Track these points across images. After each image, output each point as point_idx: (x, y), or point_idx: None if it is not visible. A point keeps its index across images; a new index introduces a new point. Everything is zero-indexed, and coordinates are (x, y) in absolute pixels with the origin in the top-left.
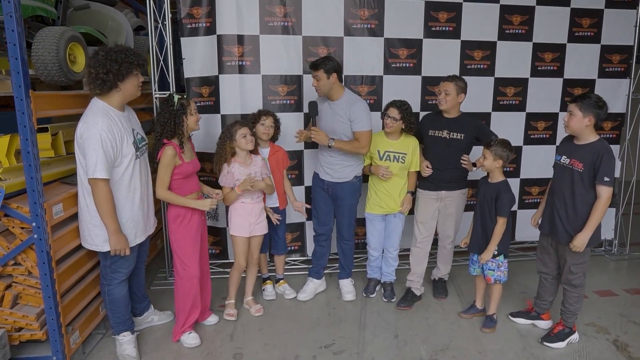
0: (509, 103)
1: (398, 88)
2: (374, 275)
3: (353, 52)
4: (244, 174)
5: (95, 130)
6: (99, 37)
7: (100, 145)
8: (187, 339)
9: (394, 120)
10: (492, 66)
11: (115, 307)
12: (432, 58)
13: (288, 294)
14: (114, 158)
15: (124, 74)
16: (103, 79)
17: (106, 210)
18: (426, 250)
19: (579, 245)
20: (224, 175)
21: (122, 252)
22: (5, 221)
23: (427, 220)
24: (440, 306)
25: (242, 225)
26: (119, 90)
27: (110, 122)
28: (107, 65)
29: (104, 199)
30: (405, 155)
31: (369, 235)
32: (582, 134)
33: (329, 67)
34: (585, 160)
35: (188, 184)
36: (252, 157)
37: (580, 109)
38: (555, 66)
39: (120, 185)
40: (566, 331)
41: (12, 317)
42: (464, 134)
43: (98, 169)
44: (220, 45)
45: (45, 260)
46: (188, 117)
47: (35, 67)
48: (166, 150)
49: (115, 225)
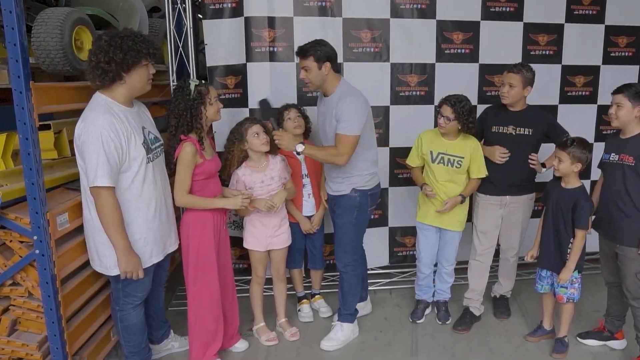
0: (578, 94)
1: (452, 78)
2: (423, 297)
3: (401, 37)
4: (257, 181)
5: (94, 130)
6: (109, 19)
7: (102, 147)
8: None
9: (447, 120)
10: (558, 52)
11: (130, 335)
12: (491, 43)
13: (323, 312)
14: (120, 162)
15: (129, 64)
16: (104, 68)
17: (112, 225)
18: (487, 263)
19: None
20: (233, 185)
21: (134, 276)
22: (2, 234)
23: (488, 229)
24: (503, 327)
25: (258, 237)
26: (123, 82)
27: (114, 120)
28: (110, 53)
29: (109, 212)
30: (462, 160)
31: (420, 247)
32: (630, 125)
33: (320, 54)
34: (635, 153)
35: (210, 185)
36: (268, 159)
37: (630, 98)
38: (630, 52)
39: (129, 195)
40: None
41: (10, 346)
42: (532, 129)
43: (99, 175)
44: (249, 29)
45: (49, 280)
46: (207, 107)
47: (35, 55)
48: (184, 147)
49: (124, 242)
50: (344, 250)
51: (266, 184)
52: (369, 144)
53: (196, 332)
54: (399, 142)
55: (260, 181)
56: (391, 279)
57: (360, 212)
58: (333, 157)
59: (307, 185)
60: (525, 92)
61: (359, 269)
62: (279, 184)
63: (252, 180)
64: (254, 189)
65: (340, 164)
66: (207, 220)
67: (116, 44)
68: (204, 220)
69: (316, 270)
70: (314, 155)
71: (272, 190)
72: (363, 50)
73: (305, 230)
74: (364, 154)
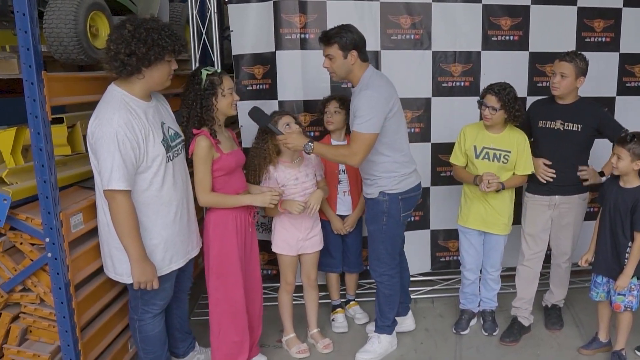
0: (638, 85)
1: (500, 67)
2: (468, 306)
3: (444, 22)
4: (291, 177)
5: (110, 128)
6: (127, 4)
7: (117, 147)
8: None
9: (493, 110)
10: (616, 39)
11: (149, 347)
12: (542, 29)
13: (359, 318)
14: (137, 163)
15: (151, 60)
16: (123, 61)
17: (127, 231)
18: (536, 270)
19: None
20: (265, 183)
21: (148, 286)
22: (12, 236)
23: (537, 232)
24: (555, 340)
25: (288, 241)
26: (142, 77)
27: (130, 117)
28: (132, 45)
29: (124, 217)
30: (509, 154)
31: (463, 252)
32: None
33: (346, 42)
34: None
35: (232, 181)
36: (302, 154)
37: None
38: None
39: (147, 197)
40: None
41: (20, 357)
42: (582, 125)
43: (114, 177)
44: (278, 14)
45: (62, 285)
46: (219, 99)
47: (47, 43)
48: (198, 142)
49: (138, 250)
50: (377, 258)
51: (300, 181)
52: (397, 143)
53: (219, 344)
54: (442, 138)
55: (295, 178)
56: (433, 287)
57: (390, 218)
58: (345, 157)
59: (343, 182)
60: (578, 82)
61: (396, 279)
62: (313, 181)
63: (285, 177)
64: (288, 186)
65: (354, 164)
66: (229, 220)
67: (140, 36)
68: (226, 220)
69: (351, 274)
70: (324, 154)
71: (307, 188)
72: (402, 37)
73: (335, 230)
74: (392, 154)
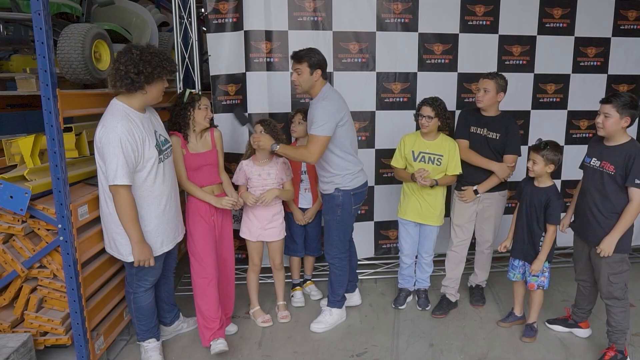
0: (549, 100)
1: (433, 85)
2: (405, 285)
3: (386, 48)
4: (255, 173)
5: (114, 134)
6: (124, 33)
7: (121, 149)
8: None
9: (429, 119)
10: (531, 62)
11: (141, 315)
12: (469, 54)
13: (314, 295)
14: (136, 163)
15: (153, 78)
16: (133, 78)
17: (128, 219)
18: (463, 254)
19: (605, 248)
20: (237, 172)
21: (146, 263)
22: (31, 223)
23: (464, 223)
24: (478, 314)
25: (250, 228)
26: (144, 92)
27: (131, 125)
28: (140, 65)
29: (126, 207)
30: (442, 158)
31: (402, 240)
32: (616, 135)
33: (314, 61)
34: (616, 163)
35: (198, 176)
36: (271, 158)
37: (618, 109)
38: (599, 61)
39: (143, 191)
40: (619, 357)
41: (38, 321)
42: (500, 134)
43: (119, 175)
44: (248, 42)
45: (71, 263)
46: (195, 111)
47: (60, 66)
48: (172, 138)
49: (138, 234)
50: (330, 244)
51: (262, 178)
52: (347, 146)
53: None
54: (384, 144)
55: (258, 174)
56: (376, 270)
57: (344, 210)
58: (303, 155)
59: (304, 181)
60: (498, 97)
61: (345, 261)
62: (274, 181)
63: (251, 172)
64: (252, 179)
65: (311, 161)
66: (200, 210)
67: (146, 59)
68: (197, 210)
69: (310, 257)
70: (287, 154)
71: (266, 185)
72: (351, 60)
73: (297, 221)
74: (343, 155)
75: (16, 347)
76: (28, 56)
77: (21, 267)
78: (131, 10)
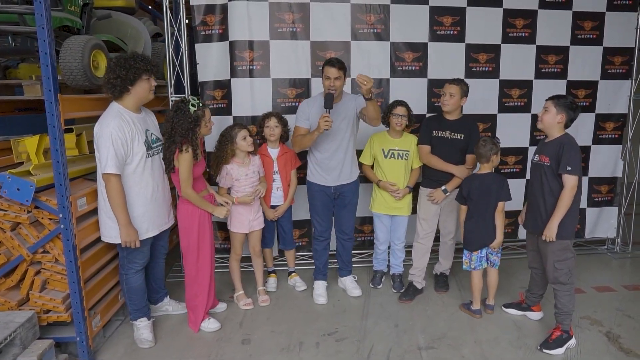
0: (514, 105)
1: (404, 90)
2: (380, 268)
3: (360, 56)
4: (242, 174)
5: (107, 130)
6: (120, 44)
7: (111, 143)
8: (208, 324)
9: (403, 117)
10: (496, 69)
11: (132, 295)
12: (438, 61)
13: (299, 286)
14: (125, 155)
15: (132, 79)
16: (113, 83)
17: (117, 204)
18: (428, 246)
19: (548, 233)
20: (223, 177)
21: (132, 245)
22: (36, 213)
23: (429, 217)
24: (441, 299)
25: (242, 222)
26: (130, 93)
27: (122, 123)
28: (117, 71)
29: (115, 193)
30: (408, 153)
31: (377, 230)
32: (552, 130)
33: (346, 71)
34: (550, 154)
35: (195, 184)
36: (250, 157)
37: (556, 106)
38: (559, 68)
39: (131, 181)
40: (564, 337)
41: (41, 300)
42: (464, 134)
43: (109, 164)
44: (233, 51)
45: (71, 249)
46: (201, 128)
47: (62, 73)
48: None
49: (125, 218)
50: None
51: (249, 177)
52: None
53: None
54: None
55: (245, 174)
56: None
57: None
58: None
59: (276, 180)
60: (462, 101)
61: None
62: (257, 177)
63: (238, 173)
64: (240, 180)
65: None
66: (195, 215)
67: (121, 64)
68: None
69: (288, 250)
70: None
71: (254, 182)
72: None
73: (268, 218)
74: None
75: (22, 322)
76: (34, 64)
77: (27, 252)
78: (127, 22)
